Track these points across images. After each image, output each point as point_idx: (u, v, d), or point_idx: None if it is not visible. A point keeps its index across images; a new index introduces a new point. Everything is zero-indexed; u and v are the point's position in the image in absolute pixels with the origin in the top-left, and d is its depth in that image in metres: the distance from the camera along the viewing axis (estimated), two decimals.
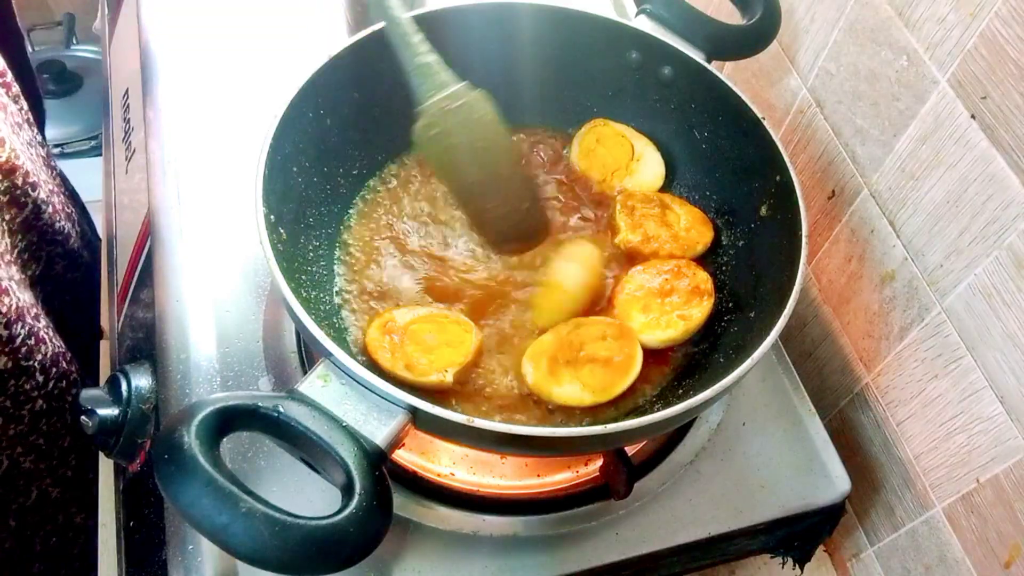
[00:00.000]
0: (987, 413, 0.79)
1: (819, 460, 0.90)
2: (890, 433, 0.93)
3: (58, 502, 1.07)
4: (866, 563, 1.02)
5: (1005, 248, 0.73)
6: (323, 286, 0.84)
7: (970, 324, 0.79)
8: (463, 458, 0.86)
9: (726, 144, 0.93)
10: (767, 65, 1.03)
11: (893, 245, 0.87)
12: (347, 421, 0.62)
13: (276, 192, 0.78)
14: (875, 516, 0.99)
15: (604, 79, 0.98)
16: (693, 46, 0.92)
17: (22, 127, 1.10)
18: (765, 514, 0.86)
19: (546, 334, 0.83)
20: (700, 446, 0.89)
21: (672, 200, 0.94)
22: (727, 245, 0.93)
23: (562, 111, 1.00)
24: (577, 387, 0.79)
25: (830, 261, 0.99)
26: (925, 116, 0.79)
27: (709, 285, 0.87)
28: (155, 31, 1.15)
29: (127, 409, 0.83)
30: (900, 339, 0.89)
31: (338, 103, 0.87)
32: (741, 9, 0.95)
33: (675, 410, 0.68)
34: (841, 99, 0.91)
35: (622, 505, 0.83)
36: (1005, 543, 0.80)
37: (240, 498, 0.52)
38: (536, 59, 0.95)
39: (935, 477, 0.88)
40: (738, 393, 0.93)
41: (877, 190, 0.88)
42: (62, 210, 1.13)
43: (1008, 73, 0.69)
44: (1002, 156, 0.71)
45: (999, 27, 0.69)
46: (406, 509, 0.81)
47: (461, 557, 0.79)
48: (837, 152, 0.93)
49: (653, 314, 0.84)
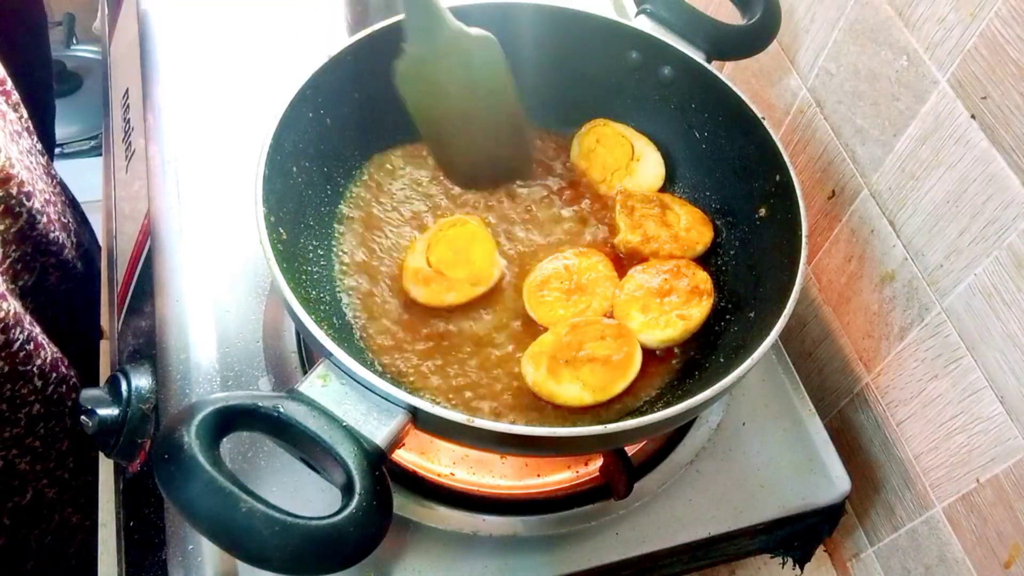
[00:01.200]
0: (987, 413, 0.79)
1: (819, 460, 0.90)
2: (890, 433, 0.93)
3: (54, 502, 1.07)
4: (866, 563, 1.02)
5: (1005, 248, 0.73)
6: (323, 286, 0.84)
7: (970, 324, 0.79)
8: (463, 458, 0.86)
9: (726, 144, 0.93)
10: (767, 65, 1.03)
11: (893, 245, 0.87)
12: (347, 421, 0.62)
13: (276, 192, 0.78)
14: (875, 516, 0.99)
15: (604, 79, 0.98)
16: (693, 46, 0.92)
17: (21, 135, 1.10)
18: (765, 514, 0.86)
19: (545, 334, 0.83)
20: (700, 446, 0.89)
21: (672, 200, 0.94)
22: (727, 245, 0.93)
23: (562, 111, 1.00)
24: (577, 387, 0.79)
25: (830, 261, 0.99)
26: (925, 116, 0.79)
27: (708, 285, 0.87)
28: (155, 31, 1.15)
29: (127, 409, 0.83)
30: (900, 339, 0.89)
31: (338, 103, 0.87)
32: (741, 9, 0.95)
33: (675, 410, 0.68)
34: (841, 99, 0.91)
35: (622, 505, 0.83)
36: (1005, 543, 0.80)
37: (240, 498, 0.52)
38: (536, 59, 0.95)
39: (935, 477, 0.88)
40: (738, 393, 0.93)
41: (877, 190, 0.88)
42: (58, 220, 1.13)
43: (1008, 73, 0.69)
44: (1002, 156, 0.71)
45: (999, 27, 0.69)
46: (406, 509, 0.81)
47: (461, 557, 0.79)
48: (837, 152, 0.93)
49: (652, 314, 0.84)
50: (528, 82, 0.95)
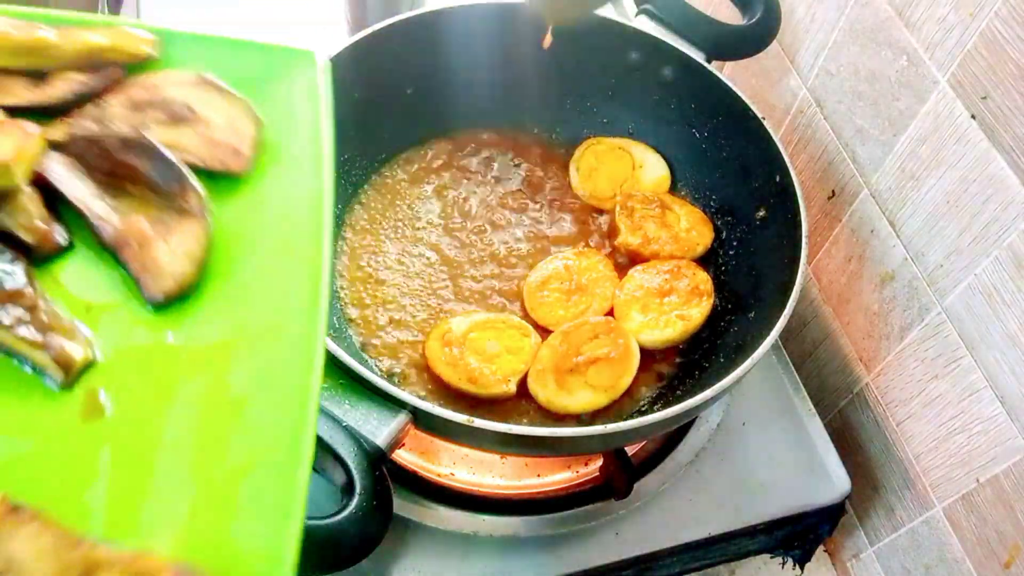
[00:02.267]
0: (987, 413, 0.79)
1: (819, 460, 0.90)
2: (890, 433, 0.93)
3: None
4: (866, 563, 1.02)
5: (1005, 248, 0.73)
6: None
7: (970, 324, 0.79)
8: (463, 458, 0.86)
9: (726, 144, 0.93)
10: (767, 65, 1.03)
11: (893, 245, 0.87)
12: (347, 421, 0.62)
13: None
14: (875, 516, 0.99)
15: (604, 79, 0.98)
16: (693, 46, 0.92)
17: None
18: (765, 514, 0.86)
19: (540, 349, 0.82)
20: (700, 446, 0.89)
21: (672, 200, 0.94)
22: (727, 245, 0.93)
23: (561, 111, 1.00)
24: (588, 392, 0.79)
25: (830, 261, 0.99)
26: (925, 116, 0.79)
27: (708, 285, 0.87)
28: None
29: None
30: (900, 339, 0.89)
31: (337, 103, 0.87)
32: (741, 9, 0.95)
33: (675, 410, 0.68)
34: (841, 99, 0.91)
35: (622, 505, 0.83)
36: (1005, 543, 0.80)
37: None
38: (536, 59, 0.95)
39: (935, 477, 0.88)
40: (738, 393, 0.93)
41: (877, 190, 0.88)
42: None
43: (1008, 73, 0.69)
44: (1002, 156, 0.71)
45: (999, 27, 0.69)
46: (406, 509, 0.81)
47: (461, 557, 0.79)
48: (837, 152, 0.93)
49: (652, 314, 0.85)
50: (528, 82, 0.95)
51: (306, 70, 0.54)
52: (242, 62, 0.54)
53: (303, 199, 0.49)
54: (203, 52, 0.55)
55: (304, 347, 0.44)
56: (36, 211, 0.47)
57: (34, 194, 0.47)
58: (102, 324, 0.45)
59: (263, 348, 0.45)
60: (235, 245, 0.48)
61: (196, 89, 0.52)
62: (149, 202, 0.49)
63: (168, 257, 0.47)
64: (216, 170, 0.50)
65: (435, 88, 0.96)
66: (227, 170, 0.50)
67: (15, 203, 0.46)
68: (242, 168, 0.50)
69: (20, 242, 0.46)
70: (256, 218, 0.50)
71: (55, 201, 0.48)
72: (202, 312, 0.46)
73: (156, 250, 0.47)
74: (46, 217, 0.47)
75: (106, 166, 0.49)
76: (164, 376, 0.44)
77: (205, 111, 0.51)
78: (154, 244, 0.47)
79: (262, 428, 0.43)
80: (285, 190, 0.50)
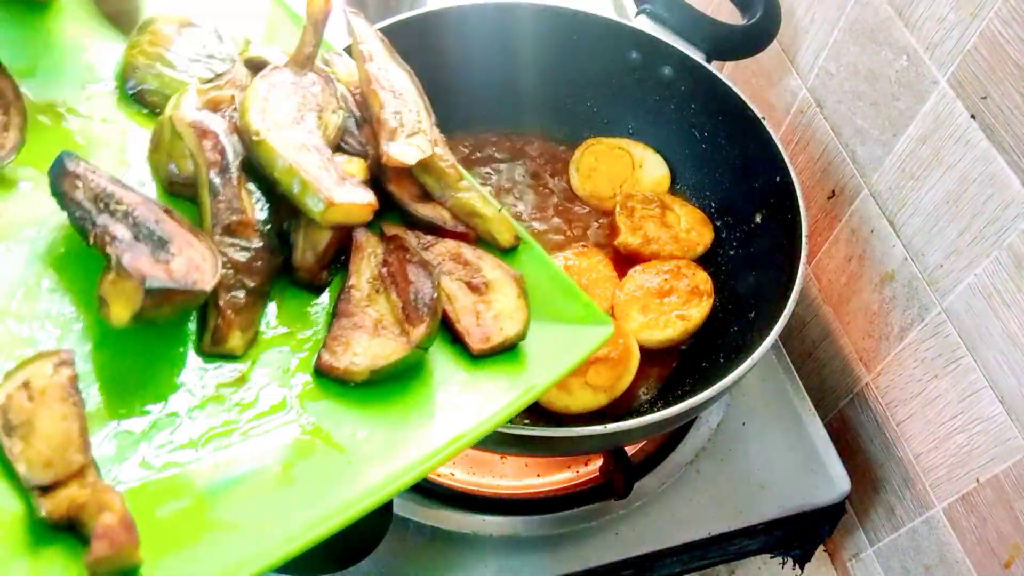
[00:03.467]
0: (987, 413, 0.79)
1: (819, 460, 0.90)
2: (890, 433, 0.93)
3: None
4: (866, 563, 1.02)
5: (1005, 248, 0.73)
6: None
7: (970, 324, 0.79)
8: (463, 458, 0.86)
9: (726, 144, 0.93)
10: (767, 65, 1.03)
11: (893, 245, 0.87)
12: None
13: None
14: (875, 516, 0.99)
15: (604, 79, 0.98)
16: (693, 46, 0.92)
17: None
18: (765, 514, 0.86)
19: None
20: (700, 446, 0.89)
21: (672, 200, 0.94)
22: (727, 245, 0.93)
23: (561, 112, 1.00)
24: (589, 392, 0.79)
25: (830, 261, 0.99)
26: (925, 116, 0.79)
27: (708, 285, 0.87)
28: None
29: None
30: (900, 339, 0.89)
31: None
32: (741, 9, 0.95)
33: (675, 410, 0.68)
34: (841, 99, 0.91)
35: (622, 505, 0.83)
36: (1005, 543, 0.80)
37: None
38: (536, 59, 0.95)
39: (935, 477, 0.88)
40: (738, 393, 0.93)
41: (877, 190, 0.88)
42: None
43: (1008, 73, 0.69)
44: (1002, 156, 0.71)
45: (999, 27, 0.69)
46: (406, 509, 0.81)
47: (461, 557, 0.79)
48: (837, 152, 0.93)
49: (652, 314, 0.84)
50: (528, 82, 0.95)
51: (593, 330, 0.59)
52: (556, 294, 0.60)
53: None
54: (537, 269, 0.60)
55: None
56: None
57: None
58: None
59: None
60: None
61: (503, 277, 0.58)
62: (392, 308, 0.55)
63: (360, 348, 0.52)
64: (461, 335, 0.56)
65: (434, 88, 0.95)
66: (466, 342, 0.55)
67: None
68: (475, 350, 0.55)
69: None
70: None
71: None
72: None
73: (359, 337, 0.53)
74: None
75: (395, 264, 0.56)
76: None
77: (495, 296, 0.58)
78: (364, 334, 0.53)
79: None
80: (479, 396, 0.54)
